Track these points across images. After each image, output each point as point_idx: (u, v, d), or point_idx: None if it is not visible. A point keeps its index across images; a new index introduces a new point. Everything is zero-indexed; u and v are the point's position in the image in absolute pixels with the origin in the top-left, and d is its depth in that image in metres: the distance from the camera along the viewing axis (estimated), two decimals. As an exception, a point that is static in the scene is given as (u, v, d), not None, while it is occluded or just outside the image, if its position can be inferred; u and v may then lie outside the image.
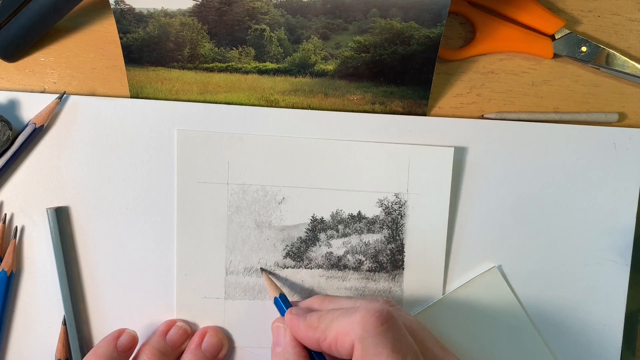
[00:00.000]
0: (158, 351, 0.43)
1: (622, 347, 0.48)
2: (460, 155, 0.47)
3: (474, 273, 0.48)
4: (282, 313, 0.43)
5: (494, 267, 0.47)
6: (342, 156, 0.47)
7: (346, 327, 0.35)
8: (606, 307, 0.48)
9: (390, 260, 0.47)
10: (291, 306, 0.43)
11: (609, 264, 0.48)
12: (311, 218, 0.47)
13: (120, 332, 0.43)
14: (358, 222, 0.47)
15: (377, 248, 0.47)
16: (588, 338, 0.48)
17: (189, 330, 0.46)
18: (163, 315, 0.46)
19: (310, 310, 0.42)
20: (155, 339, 0.44)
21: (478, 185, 0.48)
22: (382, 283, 0.47)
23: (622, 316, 0.48)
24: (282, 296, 0.44)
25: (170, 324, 0.45)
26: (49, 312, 0.45)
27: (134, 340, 0.43)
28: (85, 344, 0.46)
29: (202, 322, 0.46)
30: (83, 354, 0.45)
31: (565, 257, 0.48)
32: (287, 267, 0.47)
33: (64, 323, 0.45)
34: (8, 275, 0.44)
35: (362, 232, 0.47)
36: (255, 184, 0.46)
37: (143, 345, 0.44)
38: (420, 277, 0.47)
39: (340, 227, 0.47)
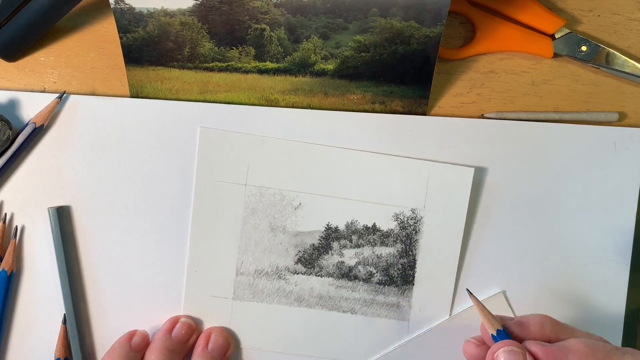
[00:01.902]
0: (166, 349, 0.43)
1: (622, 347, 0.48)
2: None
3: (480, 279, 0.47)
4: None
5: (500, 292, 0.47)
6: (362, 167, 0.47)
7: None
8: (606, 307, 0.48)
9: (401, 274, 0.47)
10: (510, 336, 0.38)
11: (609, 264, 0.48)
12: (326, 226, 0.47)
13: (132, 334, 0.45)
14: (372, 234, 0.47)
15: (389, 261, 0.47)
16: (588, 338, 0.48)
17: (194, 325, 0.45)
18: (164, 315, 0.46)
19: (534, 332, 0.38)
20: (161, 338, 0.44)
21: (477, 185, 0.48)
22: (391, 297, 0.47)
23: (622, 316, 0.48)
24: (500, 332, 0.38)
25: (174, 321, 0.45)
26: (49, 311, 0.45)
27: (146, 339, 0.45)
28: (86, 344, 0.46)
29: (209, 321, 0.46)
30: (83, 354, 0.45)
31: (565, 257, 0.48)
32: (298, 273, 0.47)
33: (64, 322, 0.45)
34: (8, 274, 0.44)
35: (376, 245, 0.47)
36: (273, 188, 0.46)
37: (149, 346, 0.44)
38: (429, 293, 0.47)
39: (354, 237, 0.47)
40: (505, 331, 0.38)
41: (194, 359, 0.44)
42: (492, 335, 0.38)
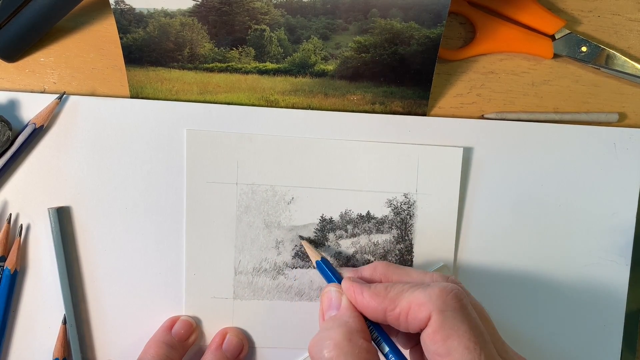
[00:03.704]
0: (165, 344, 0.43)
1: (622, 347, 0.48)
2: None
3: (478, 272, 0.48)
4: (327, 277, 0.42)
5: (443, 264, 0.47)
6: (351, 156, 0.47)
7: (422, 299, 0.36)
8: (606, 307, 0.48)
9: (399, 260, 0.47)
10: (335, 270, 0.42)
11: (609, 264, 0.48)
12: (320, 218, 0.47)
13: None
14: (367, 222, 0.47)
15: (386, 248, 0.47)
16: (588, 338, 0.48)
17: (194, 324, 0.45)
18: (165, 316, 0.46)
19: (365, 278, 0.41)
20: (160, 333, 0.44)
21: (478, 186, 0.48)
22: None
23: (622, 316, 0.48)
24: (325, 260, 0.43)
25: (174, 319, 0.45)
26: (50, 311, 0.45)
27: None
28: (85, 344, 0.46)
29: (211, 323, 0.46)
30: (83, 354, 0.45)
31: (565, 257, 0.48)
32: (296, 267, 0.47)
33: (64, 322, 0.45)
34: (12, 273, 0.44)
35: (371, 232, 0.47)
36: (265, 184, 0.46)
37: (148, 342, 0.44)
38: None
39: (349, 227, 0.47)
40: (324, 262, 0.43)
41: (206, 356, 0.44)
42: (316, 262, 0.44)
